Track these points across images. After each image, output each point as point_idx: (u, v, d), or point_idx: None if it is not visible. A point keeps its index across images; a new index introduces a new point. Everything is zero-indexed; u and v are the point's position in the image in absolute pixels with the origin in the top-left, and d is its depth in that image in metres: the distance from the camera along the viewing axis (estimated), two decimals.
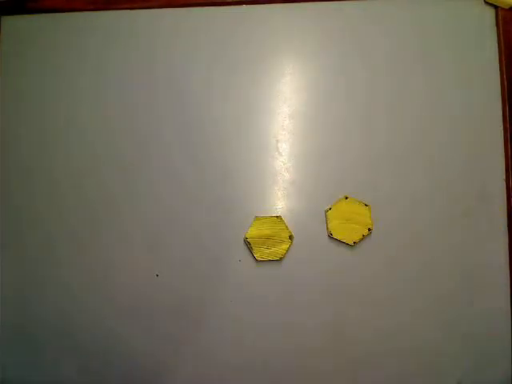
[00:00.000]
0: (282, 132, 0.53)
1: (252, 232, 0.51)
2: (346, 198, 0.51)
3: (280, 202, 0.52)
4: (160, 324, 0.51)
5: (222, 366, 0.51)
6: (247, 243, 0.51)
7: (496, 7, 0.53)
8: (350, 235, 0.50)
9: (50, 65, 0.55)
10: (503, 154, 0.51)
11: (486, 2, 0.53)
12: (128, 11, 0.55)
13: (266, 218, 0.51)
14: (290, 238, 0.51)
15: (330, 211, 0.51)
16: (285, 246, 0.50)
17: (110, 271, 0.52)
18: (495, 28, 0.53)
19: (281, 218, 0.51)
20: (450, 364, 0.50)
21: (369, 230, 0.50)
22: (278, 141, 0.53)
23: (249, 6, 0.55)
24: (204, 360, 0.51)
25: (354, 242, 0.50)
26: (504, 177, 0.51)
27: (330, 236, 0.50)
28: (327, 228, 0.51)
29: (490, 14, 0.53)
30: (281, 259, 0.51)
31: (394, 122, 0.52)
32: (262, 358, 0.50)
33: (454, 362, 0.50)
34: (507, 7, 0.52)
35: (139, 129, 0.54)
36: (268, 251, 0.51)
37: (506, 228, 0.51)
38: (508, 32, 0.52)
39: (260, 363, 0.50)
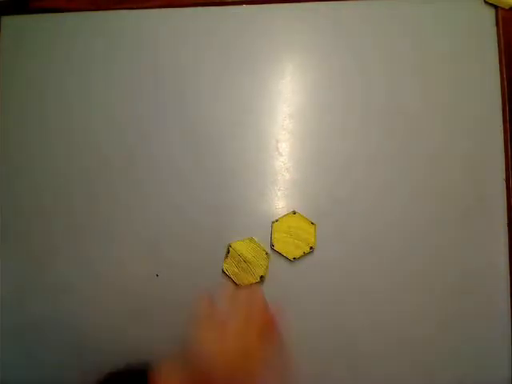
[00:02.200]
0: (282, 132, 0.53)
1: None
2: (294, 212, 0.51)
3: (280, 202, 0.52)
4: (160, 324, 0.51)
5: None
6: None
7: (496, 7, 0.53)
8: (291, 250, 0.50)
9: (51, 65, 0.55)
10: (503, 153, 0.51)
11: (486, 2, 0.53)
12: (128, 11, 0.56)
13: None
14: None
15: (276, 223, 0.51)
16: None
17: (110, 271, 0.52)
18: (495, 28, 0.53)
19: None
20: (450, 364, 0.50)
21: (311, 248, 0.50)
22: (277, 141, 0.53)
23: (249, 5, 0.55)
24: None
25: (294, 258, 0.50)
26: (504, 177, 0.51)
27: (272, 247, 0.51)
28: (270, 239, 0.51)
29: (489, 14, 0.53)
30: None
31: (394, 122, 0.52)
32: None
33: (453, 362, 0.50)
34: (507, 7, 0.52)
35: (139, 129, 0.54)
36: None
37: (506, 228, 0.51)
38: (508, 32, 0.52)
39: None
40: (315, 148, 0.53)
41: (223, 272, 0.51)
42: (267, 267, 0.50)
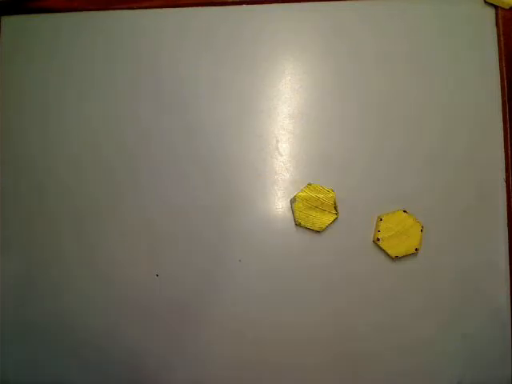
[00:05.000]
0: (282, 132, 0.53)
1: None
2: (405, 211, 0.50)
3: (280, 202, 0.52)
4: (160, 324, 0.52)
5: (222, 365, 0.51)
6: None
7: (496, 7, 0.53)
8: (401, 247, 0.50)
9: (51, 65, 0.55)
10: (503, 154, 0.51)
11: (486, 2, 0.53)
12: (129, 11, 0.56)
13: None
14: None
15: (380, 221, 0.50)
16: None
17: (110, 271, 0.52)
18: (495, 28, 0.53)
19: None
20: (450, 364, 0.50)
21: (416, 249, 0.49)
22: (277, 141, 0.53)
23: (249, 5, 0.55)
24: (204, 360, 0.51)
25: (396, 256, 0.49)
26: (504, 177, 0.51)
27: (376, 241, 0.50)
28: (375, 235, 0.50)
29: (490, 14, 0.53)
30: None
31: (394, 122, 0.52)
32: (262, 357, 0.50)
33: (453, 362, 0.50)
34: (507, 7, 0.52)
35: (139, 128, 0.54)
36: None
37: (506, 228, 0.51)
38: (508, 32, 0.52)
39: (261, 362, 0.51)
40: (315, 148, 0.53)
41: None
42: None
